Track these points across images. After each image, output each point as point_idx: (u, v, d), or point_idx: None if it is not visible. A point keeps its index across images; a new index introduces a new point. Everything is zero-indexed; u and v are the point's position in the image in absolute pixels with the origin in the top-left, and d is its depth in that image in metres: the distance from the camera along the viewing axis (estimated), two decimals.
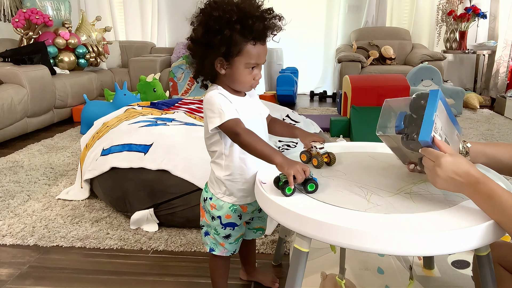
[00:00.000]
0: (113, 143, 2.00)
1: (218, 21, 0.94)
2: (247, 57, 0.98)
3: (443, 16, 4.96)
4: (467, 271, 1.39)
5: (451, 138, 0.95)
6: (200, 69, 1.04)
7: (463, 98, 4.03)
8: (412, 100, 0.93)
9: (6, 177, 2.47)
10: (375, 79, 3.54)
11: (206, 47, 0.98)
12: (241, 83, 1.02)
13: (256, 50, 0.98)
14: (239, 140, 0.98)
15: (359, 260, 1.43)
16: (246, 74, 1.01)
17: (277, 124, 1.20)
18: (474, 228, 0.75)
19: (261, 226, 1.26)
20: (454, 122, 0.98)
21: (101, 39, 4.81)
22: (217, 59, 0.99)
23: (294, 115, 2.77)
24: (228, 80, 1.03)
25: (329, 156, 1.11)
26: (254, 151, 0.97)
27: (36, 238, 1.73)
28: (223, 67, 1.00)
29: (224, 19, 0.94)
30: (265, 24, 0.97)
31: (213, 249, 1.17)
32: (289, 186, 0.90)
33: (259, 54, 0.99)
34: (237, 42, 0.96)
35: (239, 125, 0.97)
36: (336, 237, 0.78)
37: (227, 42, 0.95)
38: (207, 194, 1.14)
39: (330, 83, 5.55)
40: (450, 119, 0.96)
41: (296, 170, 0.90)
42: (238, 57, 0.98)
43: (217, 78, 1.05)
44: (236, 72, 1.00)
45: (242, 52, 0.97)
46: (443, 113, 0.92)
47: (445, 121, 0.93)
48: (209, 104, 1.00)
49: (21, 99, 3.29)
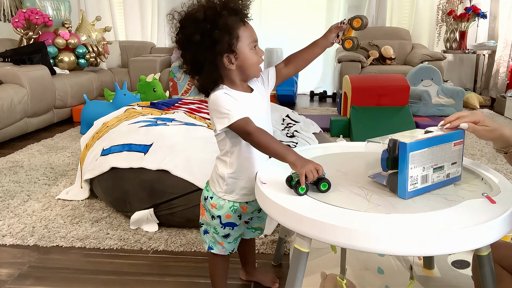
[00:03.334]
0: (113, 143, 2.00)
1: (207, 20, 0.96)
2: (247, 38, 1.00)
3: (443, 16, 4.96)
4: (467, 271, 1.39)
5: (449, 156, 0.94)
6: (206, 81, 1.03)
7: (463, 98, 4.03)
8: (388, 145, 0.93)
9: (6, 177, 2.47)
10: (375, 79, 3.54)
11: (210, 49, 0.97)
12: (253, 66, 1.03)
13: (249, 29, 1.02)
14: (251, 140, 0.98)
15: (359, 260, 1.43)
16: (253, 54, 1.02)
17: (294, 57, 1.15)
18: (474, 228, 0.75)
19: (260, 226, 1.27)
20: (452, 137, 0.94)
21: (101, 39, 4.81)
22: (223, 57, 0.99)
23: (294, 115, 2.77)
24: (240, 71, 1.03)
25: (352, 40, 1.11)
26: (266, 150, 0.97)
27: (36, 238, 1.73)
28: (231, 61, 1.00)
29: (211, 14, 0.96)
30: (243, 2, 1.01)
31: (212, 248, 1.18)
32: (302, 186, 0.91)
33: (252, 32, 1.03)
34: (233, 27, 0.98)
35: (249, 124, 0.97)
36: (336, 237, 0.78)
37: (226, 30, 0.96)
38: (208, 193, 1.14)
39: (330, 83, 5.55)
40: (444, 141, 0.93)
41: (309, 169, 0.90)
42: (240, 43, 0.99)
43: (221, 79, 1.04)
44: (245, 57, 1.01)
45: (240, 36, 0.99)
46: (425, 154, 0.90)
47: (436, 152, 0.91)
48: (215, 104, 1.00)
49: (21, 99, 3.29)
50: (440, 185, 0.95)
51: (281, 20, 5.41)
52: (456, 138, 0.95)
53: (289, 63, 1.14)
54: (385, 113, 3.23)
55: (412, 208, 0.85)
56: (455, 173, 0.97)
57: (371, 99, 3.30)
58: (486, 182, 0.99)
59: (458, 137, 0.95)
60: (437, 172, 0.93)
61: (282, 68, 1.14)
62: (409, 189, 0.90)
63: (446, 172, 0.95)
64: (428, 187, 0.93)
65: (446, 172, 0.95)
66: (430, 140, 0.91)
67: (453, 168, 0.96)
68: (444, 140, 0.93)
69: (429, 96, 3.90)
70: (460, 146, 0.96)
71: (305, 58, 1.15)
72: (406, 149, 0.87)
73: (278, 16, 5.41)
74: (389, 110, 3.26)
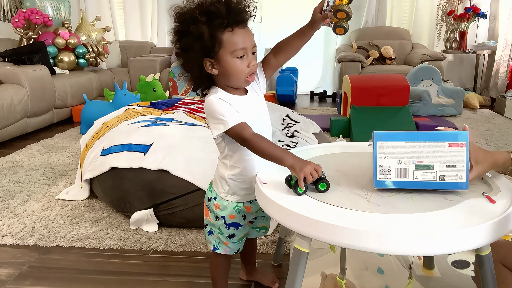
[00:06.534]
0: (113, 143, 2.00)
1: (184, 23, 0.96)
2: (230, 46, 0.95)
3: (443, 16, 4.97)
4: (467, 271, 1.39)
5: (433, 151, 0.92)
6: (196, 79, 1.03)
7: (463, 98, 4.03)
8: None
9: (6, 177, 2.47)
10: (375, 79, 3.54)
11: (187, 52, 0.98)
12: (235, 75, 0.98)
13: (237, 36, 0.95)
14: (247, 146, 0.97)
15: (359, 260, 1.43)
16: (237, 64, 0.97)
17: (283, 45, 1.08)
18: (474, 228, 0.75)
19: (264, 225, 1.26)
20: (445, 137, 0.91)
21: (101, 39, 4.81)
22: (204, 61, 0.98)
23: (294, 115, 2.77)
24: (223, 78, 1.01)
25: (344, 28, 1.01)
26: (264, 155, 0.96)
27: (36, 238, 1.73)
28: (213, 66, 0.99)
29: (189, 18, 0.95)
30: (230, 6, 0.94)
31: (217, 248, 1.17)
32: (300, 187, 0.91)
33: (242, 39, 0.96)
34: (209, 35, 0.94)
35: (246, 130, 0.96)
36: (336, 237, 0.78)
37: (199, 38, 0.94)
38: (212, 193, 1.14)
39: (330, 83, 5.55)
40: (431, 139, 0.91)
41: (307, 171, 0.90)
42: (222, 50, 0.96)
43: (209, 80, 1.04)
44: (226, 65, 0.97)
45: (222, 43, 0.95)
46: (400, 147, 0.91)
47: (420, 149, 0.91)
48: (209, 110, 0.99)
49: (21, 99, 3.29)
50: (432, 186, 0.91)
51: (281, 20, 5.42)
52: (452, 139, 0.90)
53: (278, 52, 1.08)
54: (385, 113, 3.23)
55: (412, 208, 0.84)
56: (455, 178, 0.90)
57: (371, 99, 3.30)
58: (486, 182, 0.99)
59: (455, 139, 0.90)
60: (423, 170, 0.91)
61: (272, 59, 1.09)
62: (378, 178, 0.92)
63: (438, 173, 0.91)
64: (410, 183, 0.91)
65: (439, 174, 0.91)
66: (407, 134, 0.91)
67: (450, 171, 0.90)
68: (431, 138, 0.91)
69: (429, 96, 3.90)
70: (460, 149, 0.89)
71: (295, 45, 1.07)
72: (373, 137, 0.90)
73: (278, 16, 5.42)
74: (389, 110, 3.26)
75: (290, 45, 1.07)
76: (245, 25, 0.98)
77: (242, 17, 0.96)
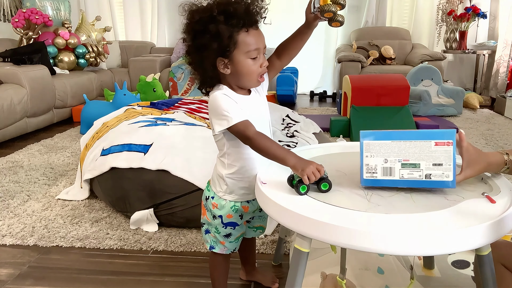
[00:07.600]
0: (113, 143, 2.00)
1: (201, 22, 0.95)
2: (245, 47, 0.96)
3: (443, 16, 4.96)
4: (467, 271, 1.39)
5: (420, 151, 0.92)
6: (204, 78, 1.03)
7: (463, 98, 4.03)
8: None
9: (6, 177, 2.47)
10: (375, 79, 3.54)
11: (201, 51, 0.97)
12: (249, 75, 1.00)
13: (251, 37, 0.97)
14: (250, 144, 0.98)
15: (359, 260, 1.43)
16: (251, 64, 0.99)
17: (285, 46, 1.09)
18: (474, 228, 0.75)
19: (261, 225, 1.26)
20: (431, 136, 0.91)
21: (101, 39, 4.81)
22: (217, 60, 0.98)
23: (294, 115, 2.77)
24: (235, 78, 1.01)
25: (340, 22, 1.00)
26: (266, 154, 0.97)
27: (36, 238, 1.73)
28: (226, 66, 0.99)
29: (206, 17, 0.95)
30: (246, 6, 0.96)
31: (213, 247, 1.17)
32: (303, 185, 0.91)
33: (256, 40, 0.97)
34: (227, 35, 0.94)
35: (249, 129, 0.96)
36: (336, 237, 0.78)
37: (216, 37, 0.94)
38: (209, 192, 1.14)
39: (330, 83, 5.55)
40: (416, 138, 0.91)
41: (310, 171, 0.90)
42: (236, 50, 0.96)
43: (221, 79, 1.04)
44: (239, 65, 0.98)
45: (237, 43, 0.96)
46: (386, 146, 0.92)
47: (406, 148, 0.91)
48: (214, 105, 0.99)
49: (20, 99, 3.29)
50: (419, 184, 0.91)
51: (281, 20, 5.42)
52: (439, 137, 0.90)
53: (281, 54, 1.10)
54: (385, 113, 3.23)
55: (412, 208, 0.84)
56: (442, 176, 0.90)
57: (371, 99, 3.30)
58: (486, 182, 0.99)
59: (442, 137, 0.90)
60: (409, 169, 0.91)
61: (275, 60, 1.10)
62: (365, 177, 0.93)
63: (424, 172, 0.91)
64: (396, 181, 0.92)
65: (425, 172, 0.91)
66: (394, 133, 0.92)
67: (437, 170, 0.90)
68: (416, 136, 0.91)
69: (429, 96, 3.90)
70: (447, 147, 0.89)
71: (296, 45, 1.09)
72: (359, 136, 0.91)
73: (278, 16, 5.42)
74: (389, 110, 3.26)
75: (291, 46, 1.09)
76: (257, 26, 0.99)
77: (256, 18, 0.98)
